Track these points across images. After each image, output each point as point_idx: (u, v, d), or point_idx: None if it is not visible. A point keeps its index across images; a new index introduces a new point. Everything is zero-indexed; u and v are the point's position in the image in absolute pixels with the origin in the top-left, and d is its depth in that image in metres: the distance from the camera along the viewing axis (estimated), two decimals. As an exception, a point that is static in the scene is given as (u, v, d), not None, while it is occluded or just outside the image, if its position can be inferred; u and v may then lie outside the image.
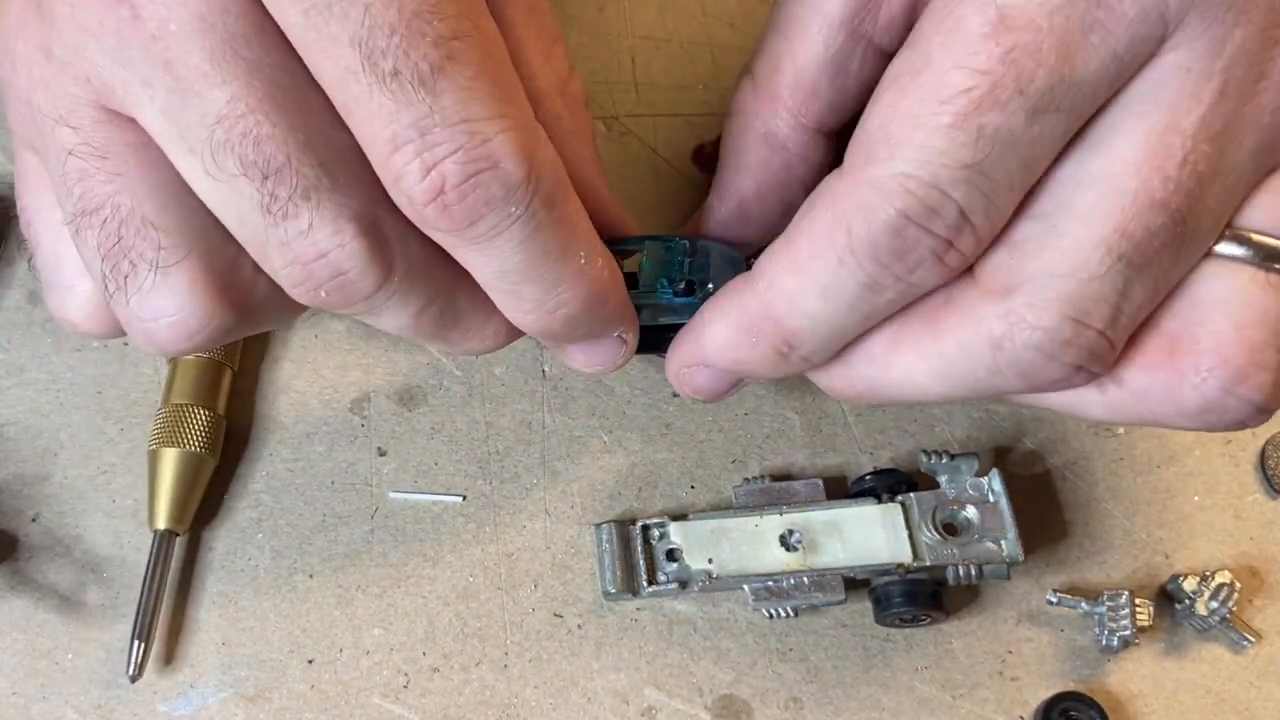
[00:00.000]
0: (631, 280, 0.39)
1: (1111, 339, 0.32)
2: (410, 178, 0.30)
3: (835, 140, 0.41)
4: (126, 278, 0.33)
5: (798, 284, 0.33)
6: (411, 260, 0.33)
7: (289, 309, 0.36)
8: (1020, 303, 0.32)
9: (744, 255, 0.40)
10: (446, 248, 0.33)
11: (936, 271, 0.32)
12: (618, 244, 0.39)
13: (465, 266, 0.33)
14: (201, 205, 0.32)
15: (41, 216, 0.36)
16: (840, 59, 0.39)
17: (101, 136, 0.32)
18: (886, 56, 0.37)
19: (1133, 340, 0.33)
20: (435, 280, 0.34)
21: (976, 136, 0.30)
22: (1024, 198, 0.32)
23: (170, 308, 0.33)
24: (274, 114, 0.30)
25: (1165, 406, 0.33)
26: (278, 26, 0.30)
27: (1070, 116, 0.31)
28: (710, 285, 0.38)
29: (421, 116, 0.29)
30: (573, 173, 0.34)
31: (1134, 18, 0.30)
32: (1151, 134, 0.31)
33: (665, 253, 0.39)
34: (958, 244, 0.31)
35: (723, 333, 0.36)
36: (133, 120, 0.32)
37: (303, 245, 0.31)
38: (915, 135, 0.30)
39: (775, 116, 0.40)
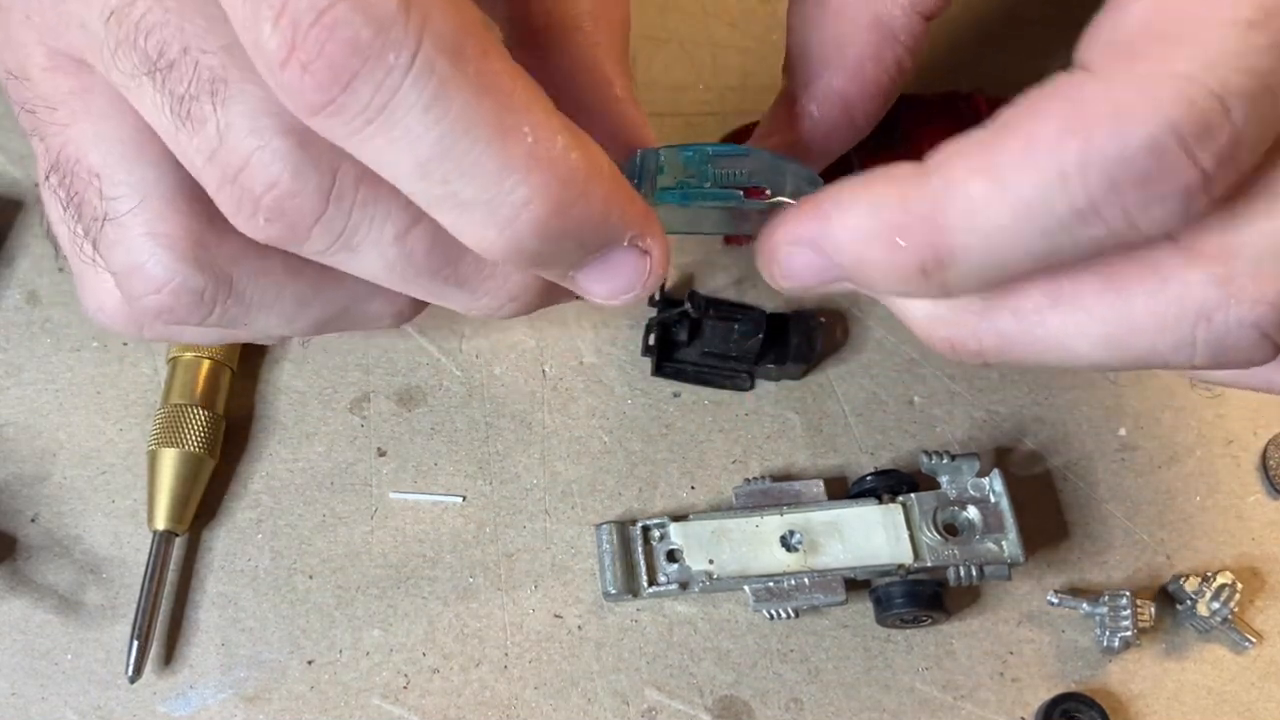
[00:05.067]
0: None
1: None
2: (263, 32, 0.23)
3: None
4: (87, 232, 0.31)
5: (990, 192, 0.27)
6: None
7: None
8: (1244, 271, 0.27)
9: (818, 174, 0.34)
10: (342, 145, 0.25)
11: (1172, 217, 0.26)
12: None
13: (377, 170, 0.26)
14: (154, 153, 0.30)
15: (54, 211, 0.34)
16: None
17: (49, 86, 0.31)
18: None
19: None
20: None
21: (1276, 40, 0.25)
22: None
23: (130, 262, 0.30)
24: None
25: None
26: None
27: None
28: (788, 190, 0.32)
29: None
30: (581, 64, 0.29)
31: None
32: None
33: (706, 155, 0.32)
34: (1214, 182, 0.26)
35: (862, 221, 0.29)
36: (77, 63, 0.30)
37: (224, 155, 0.27)
38: (1203, 31, 0.25)
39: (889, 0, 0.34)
